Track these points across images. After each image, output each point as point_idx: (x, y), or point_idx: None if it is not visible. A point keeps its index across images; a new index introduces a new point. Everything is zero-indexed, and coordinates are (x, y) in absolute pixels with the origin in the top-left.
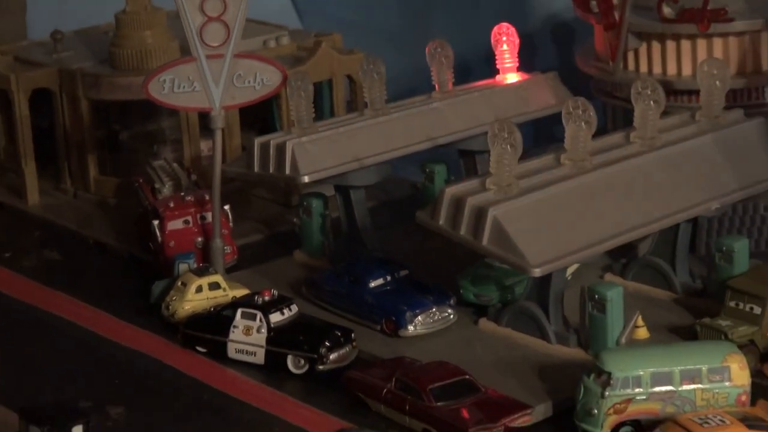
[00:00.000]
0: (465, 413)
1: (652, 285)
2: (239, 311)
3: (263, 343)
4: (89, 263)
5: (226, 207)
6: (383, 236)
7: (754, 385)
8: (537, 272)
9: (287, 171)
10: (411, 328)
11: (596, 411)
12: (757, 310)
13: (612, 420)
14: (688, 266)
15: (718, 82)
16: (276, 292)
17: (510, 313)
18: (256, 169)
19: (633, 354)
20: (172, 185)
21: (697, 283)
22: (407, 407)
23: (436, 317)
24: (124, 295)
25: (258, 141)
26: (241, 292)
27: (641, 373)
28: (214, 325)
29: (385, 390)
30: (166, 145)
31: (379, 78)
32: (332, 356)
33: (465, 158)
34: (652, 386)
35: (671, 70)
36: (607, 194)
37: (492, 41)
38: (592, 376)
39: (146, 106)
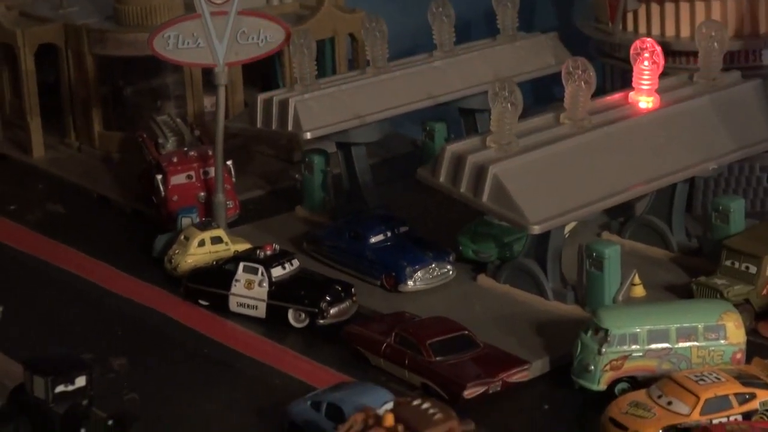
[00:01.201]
0: (463, 368)
1: (648, 244)
2: (241, 265)
3: (264, 297)
4: (93, 217)
5: (229, 162)
6: (384, 192)
7: (749, 344)
8: (536, 229)
9: (289, 127)
10: (410, 283)
11: (593, 367)
12: (753, 269)
13: (609, 376)
14: (685, 225)
15: (716, 44)
16: (277, 247)
17: (508, 270)
18: (258, 125)
19: (630, 311)
20: (176, 140)
21: (693, 242)
22: (406, 361)
23: (435, 273)
24: (127, 249)
25: (261, 97)
26: (243, 246)
27: (638, 330)
28: (216, 278)
29: (384, 344)
30: (169, 101)
31: (381, 36)
32: (332, 311)
33: (465, 116)
34: (649, 343)
35: (670, 31)
36: (605, 153)
37: (493, 2)
38: (590, 332)
39: (150, 62)
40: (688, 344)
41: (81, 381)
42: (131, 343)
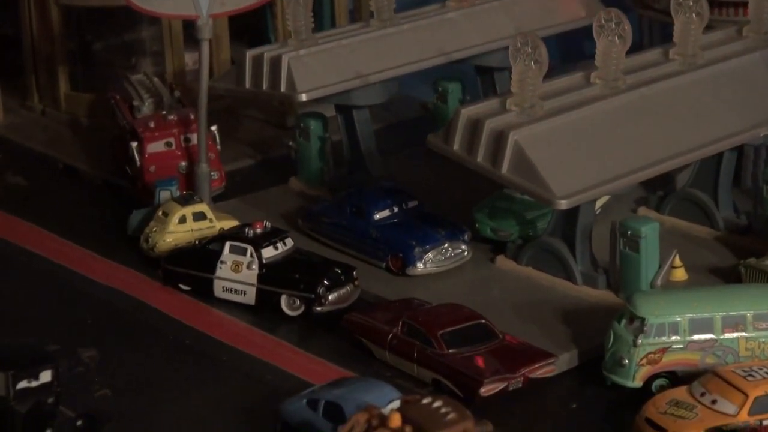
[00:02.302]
0: (480, 362)
1: (691, 221)
2: (227, 245)
3: (254, 280)
4: (58, 190)
5: (214, 128)
6: (390, 162)
7: None
8: (563, 204)
9: (282, 88)
10: (420, 265)
11: (627, 361)
12: None
13: (645, 371)
14: (732, 200)
15: None
16: (269, 224)
17: (531, 251)
18: (247, 85)
19: (669, 298)
20: (153, 103)
21: (742, 218)
22: (415, 354)
23: (448, 254)
24: (98, 226)
25: (250, 54)
26: (229, 223)
27: (678, 319)
28: (199, 260)
29: (390, 335)
30: (146, 58)
31: None
32: (331, 296)
33: (483, 76)
34: (691, 334)
35: None
36: (642, 118)
37: None
38: (624, 321)
39: (124, 13)
40: (735, 335)
41: (46, 376)
42: (103, 333)
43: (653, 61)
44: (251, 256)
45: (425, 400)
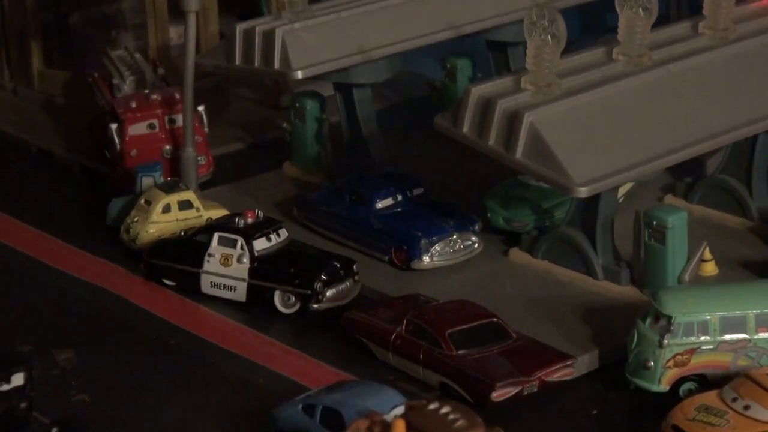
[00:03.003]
0: (491, 364)
1: (722, 210)
2: (216, 236)
3: (245, 275)
4: (31, 176)
5: (201, 108)
6: (393, 146)
7: None
8: (582, 192)
9: (276, 65)
10: (426, 258)
11: (652, 363)
12: None
13: (672, 374)
14: (767, 187)
15: None
16: (261, 214)
17: (548, 243)
18: (237, 61)
19: (698, 294)
20: (134, 81)
21: None
22: (421, 356)
23: (457, 246)
24: (74, 216)
25: (240, 27)
26: (217, 212)
27: (708, 317)
28: (184, 252)
29: (394, 335)
30: (126, 32)
31: None
32: (329, 293)
33: (495, 51)
34: (722, 333)
35: None
36: (669, 98)
37: None
38: (648, 320)
39: None
40: None
41: (18, 379)
42: (80, 333)
43: (681, 36)
44: (242, 248)
45: (432, 406)
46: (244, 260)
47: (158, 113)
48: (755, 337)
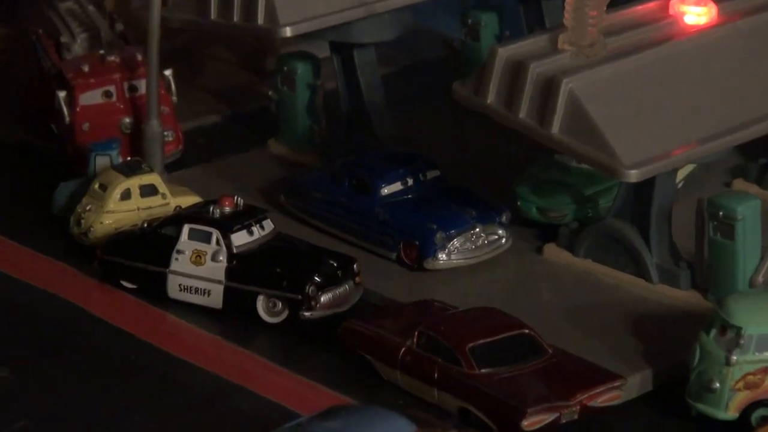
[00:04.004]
0: (522, 385)
1: None
2: (186, 229)
3: (221, 276)
4: None
5: (168, 72)
6: (403, 119)
7: None
8: (633, 176)
9: (260, 20)
10: (442, 256)
11: (718, 384)
12: None
13: (742, 398)
14: None
15: None
16: (241, 201)
17: (591, 238)
18: (212, 16)
19: None
20: (87, 39)
21: None
22: (436, 375)
23: (479, 241)
24: (13, 204)
25: None
26: (188, 199)
27: None
28: (148, 248)
29: (403, 350)
30: None
31: None
32: (324, 298)
33: (527, 4)
34: None
35: None
36: (738, 61)
37: None
38: (713, 332)
39: None
40: None
41: None
42: (19, 346)
43: None
44: (217, 243)
45: None
46: (221, 258)
47: (116, 78)
48: None
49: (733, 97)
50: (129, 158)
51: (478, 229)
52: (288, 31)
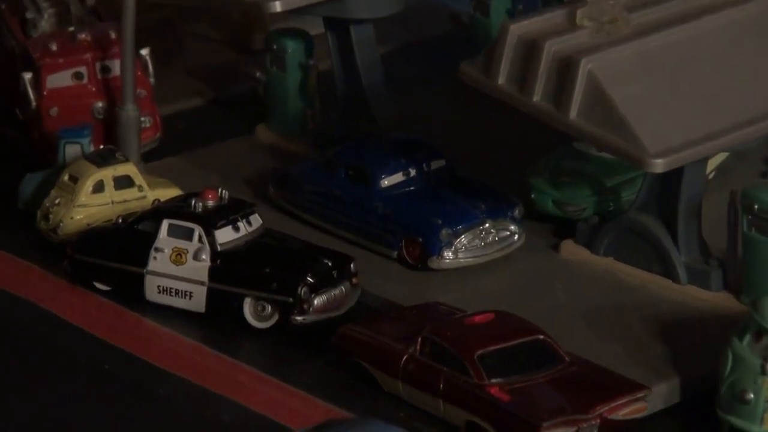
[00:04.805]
0: (536, 396)
1: None
2: (165, 225)
3: (204, 277)
4: None
5: (145, 52)
6: (404, 102)
7: None
8: (659, 165)
9: None
10: (449, 254)
11: (753, 395)
12: None
13: None
14: None
15: None
16: (226, 194)
17: (613, 234)
18: None
19: None
20: (55, 14)
21: None
22: (441, 386)
23: (489, 238)
24: None
25: None
26: (167, 192)
27: None
28: (123, 246)
29: (405, 357)
30: None
31: None
32: (318, 301)
33: None
34: None
35: None
36: None
37: None
38: (747, 338)
39: None
40: None
41: None
42: None
43: None
44: (200, 240)
45: None
46: (203, 257)
47: (87, 58)
48: None
49: None
50: (102, 146)
51: (487, 225)
52: (278, 6)
